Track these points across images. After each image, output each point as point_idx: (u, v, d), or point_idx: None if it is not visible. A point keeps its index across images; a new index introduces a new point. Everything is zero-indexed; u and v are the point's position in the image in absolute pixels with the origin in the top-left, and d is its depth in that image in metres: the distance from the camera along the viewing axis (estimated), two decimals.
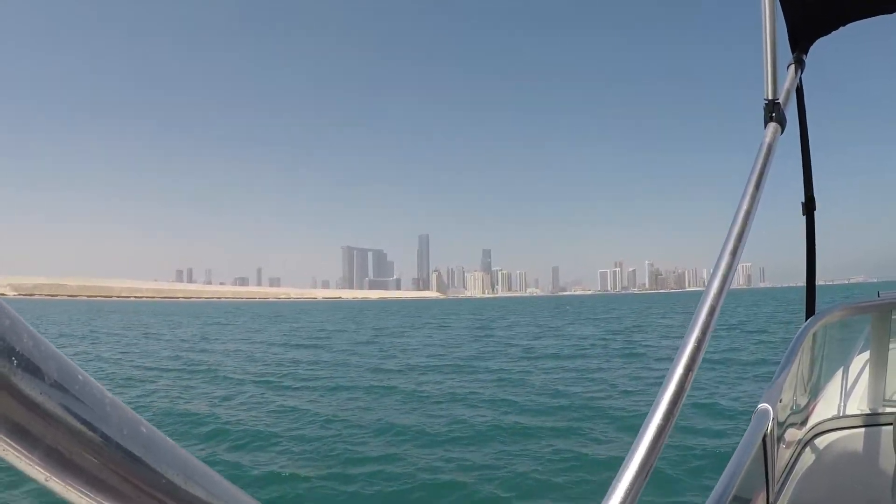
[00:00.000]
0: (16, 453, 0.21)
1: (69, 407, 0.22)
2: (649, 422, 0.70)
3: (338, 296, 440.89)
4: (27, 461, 0.22)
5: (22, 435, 0.21)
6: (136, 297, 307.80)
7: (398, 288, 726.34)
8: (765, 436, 1.29)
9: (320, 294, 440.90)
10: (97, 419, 0.23)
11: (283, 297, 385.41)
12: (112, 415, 0.23)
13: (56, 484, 0.23)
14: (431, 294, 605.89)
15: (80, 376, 0.23)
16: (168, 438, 0.25)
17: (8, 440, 0.21)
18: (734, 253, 0.86)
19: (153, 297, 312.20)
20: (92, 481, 0.23)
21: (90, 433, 0.22)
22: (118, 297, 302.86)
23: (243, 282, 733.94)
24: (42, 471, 0.22)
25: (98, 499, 0.23)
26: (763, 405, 1.34)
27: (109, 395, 0.24)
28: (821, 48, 1.69)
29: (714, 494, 1.01)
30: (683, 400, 0.72)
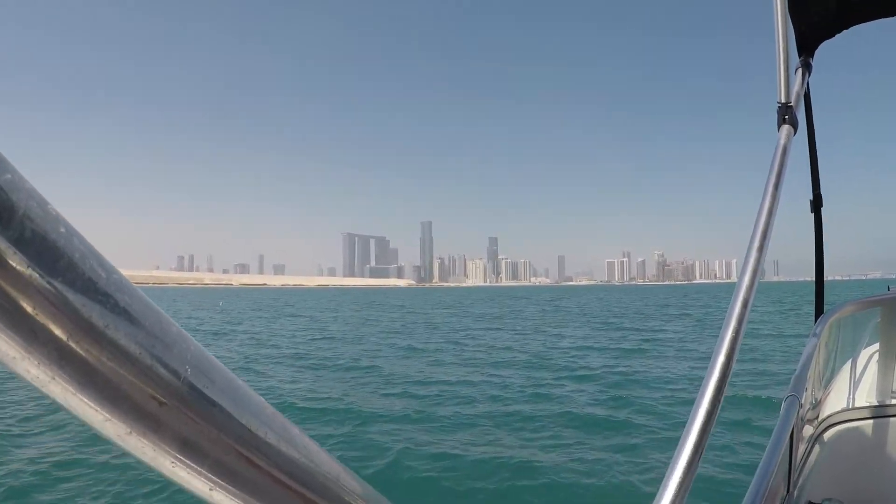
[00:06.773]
0: (185, 468, 0.20)
1: (234, 415, 0.21)
2: (694, 418, 0.70)
3: (262, 283, 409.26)
4: (195, 474, 0.21)
5: (192, 448, 0.20)
6: None
7: (399, 276, 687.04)
8: (792, 428, 1.33)
9: (236, 280, 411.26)
10: (257, 425, 0.22)
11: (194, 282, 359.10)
12: (272, 420, 0.23)
13: (221, 495, 0.22)
14: (390, 282, 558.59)
15: (239, 383, 0.22)
16: (315, 443, 0.25)
17: (179, 455, 0.20)
18: (760, 249, 0.92)
19: None
20: (257, 489, 0.22)
21: (254, 440, 0.22)
22: None
23: (244, 269, 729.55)
24: (208, 482, 0.21)
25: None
26: (790, 397, 1.37)
27: (260, 397, 0.23)
28: (826, 51, 1.70)
29: (752, 488, 1.04)
30: (725, 392, 0.73)
